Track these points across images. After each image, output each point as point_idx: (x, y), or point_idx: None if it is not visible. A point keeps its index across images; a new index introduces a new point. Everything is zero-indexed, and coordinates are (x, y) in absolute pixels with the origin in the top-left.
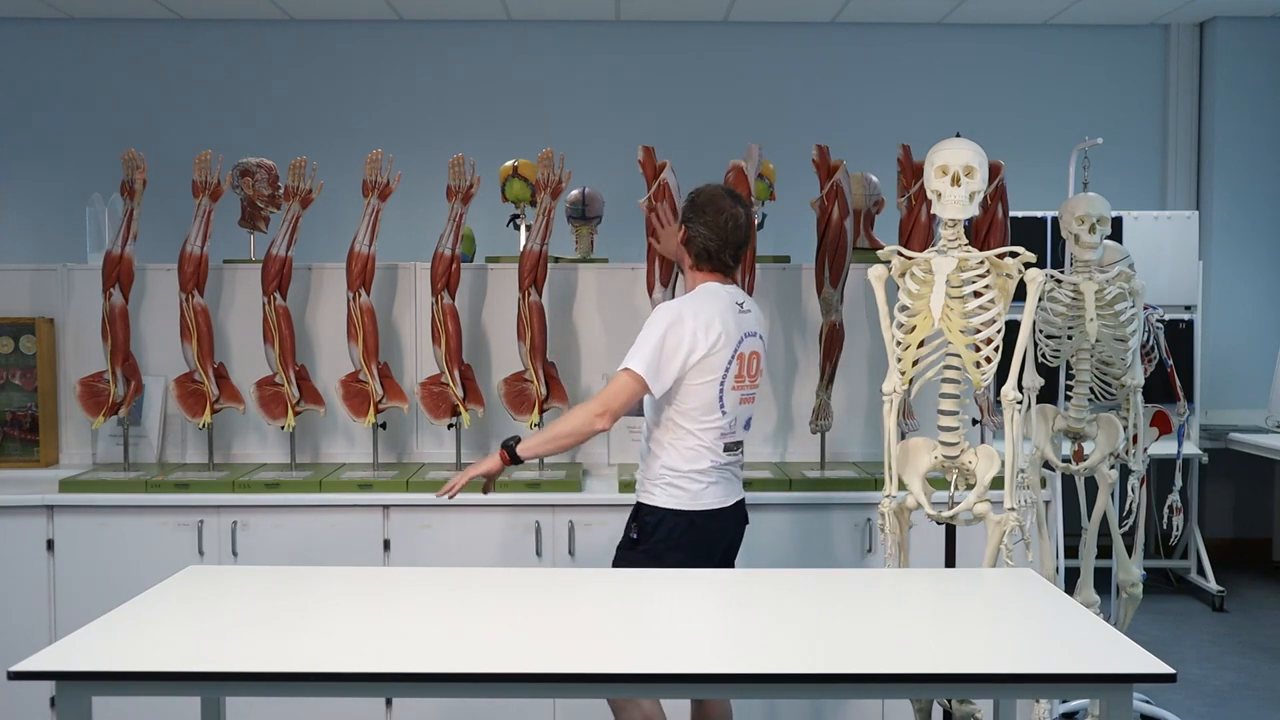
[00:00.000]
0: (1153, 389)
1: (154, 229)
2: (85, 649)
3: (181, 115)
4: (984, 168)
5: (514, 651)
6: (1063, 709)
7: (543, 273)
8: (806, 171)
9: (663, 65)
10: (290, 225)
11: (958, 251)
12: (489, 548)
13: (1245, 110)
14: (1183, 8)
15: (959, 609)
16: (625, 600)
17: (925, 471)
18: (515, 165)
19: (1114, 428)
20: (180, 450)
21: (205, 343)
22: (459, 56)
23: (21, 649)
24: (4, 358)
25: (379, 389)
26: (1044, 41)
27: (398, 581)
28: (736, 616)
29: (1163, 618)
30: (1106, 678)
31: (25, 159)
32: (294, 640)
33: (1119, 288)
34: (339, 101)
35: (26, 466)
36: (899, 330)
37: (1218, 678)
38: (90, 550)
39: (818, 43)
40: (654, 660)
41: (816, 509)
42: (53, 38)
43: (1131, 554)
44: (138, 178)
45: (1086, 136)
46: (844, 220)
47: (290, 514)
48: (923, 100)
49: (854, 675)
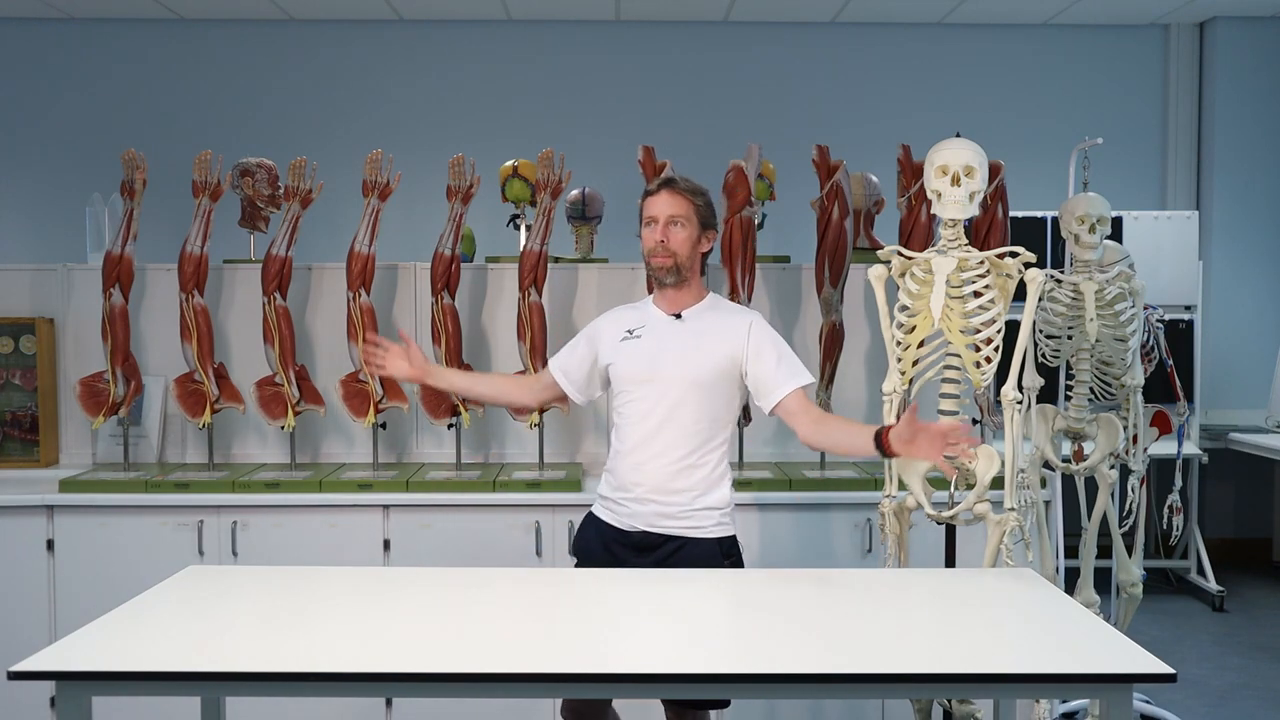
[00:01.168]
0: (1153, 389)
1: (154, 229)
2: (85, 649)
3: (181, 115)
4: (984, 168)
5: (514, 651)
6: (1063, 709)
7: (543, 273)
8: (806, 171)
9: (663, 65)
10: (290, 225)
11: (958, 251)
12: (489, 548)
13: (1245, 110)
14: (1183, 8)
15: (959, 609)
16: (625, 600)
17: (925, 471)
18: (515, 165)
19: (1114, 428)
20: (180, 450)
21: (205, 343)
22: (459, 56)
23: (21, 649)
24: (4, 358)
25: (379, 389)
26: (1044, 41)
27: (398, 581)
28: (737, 616)
29: (1163, 618)
30: (1106, 678)
31: (25, 159)
32: (294, 640)
33: (1119, 288)
34: (339, 101)
35: (26, 466)
36: (899, 330)
37: (1218, 678)
38: (90, 550)
39: (818, 43)
40: (654, 660)
41: (816, 509)
42: (53, 38)
43: (1131, 554)
44: (138, 178)
45: (1086, 136)
46: (844, 220)
47: (290, 514)
48: (923, 100)
49: (854, 675)
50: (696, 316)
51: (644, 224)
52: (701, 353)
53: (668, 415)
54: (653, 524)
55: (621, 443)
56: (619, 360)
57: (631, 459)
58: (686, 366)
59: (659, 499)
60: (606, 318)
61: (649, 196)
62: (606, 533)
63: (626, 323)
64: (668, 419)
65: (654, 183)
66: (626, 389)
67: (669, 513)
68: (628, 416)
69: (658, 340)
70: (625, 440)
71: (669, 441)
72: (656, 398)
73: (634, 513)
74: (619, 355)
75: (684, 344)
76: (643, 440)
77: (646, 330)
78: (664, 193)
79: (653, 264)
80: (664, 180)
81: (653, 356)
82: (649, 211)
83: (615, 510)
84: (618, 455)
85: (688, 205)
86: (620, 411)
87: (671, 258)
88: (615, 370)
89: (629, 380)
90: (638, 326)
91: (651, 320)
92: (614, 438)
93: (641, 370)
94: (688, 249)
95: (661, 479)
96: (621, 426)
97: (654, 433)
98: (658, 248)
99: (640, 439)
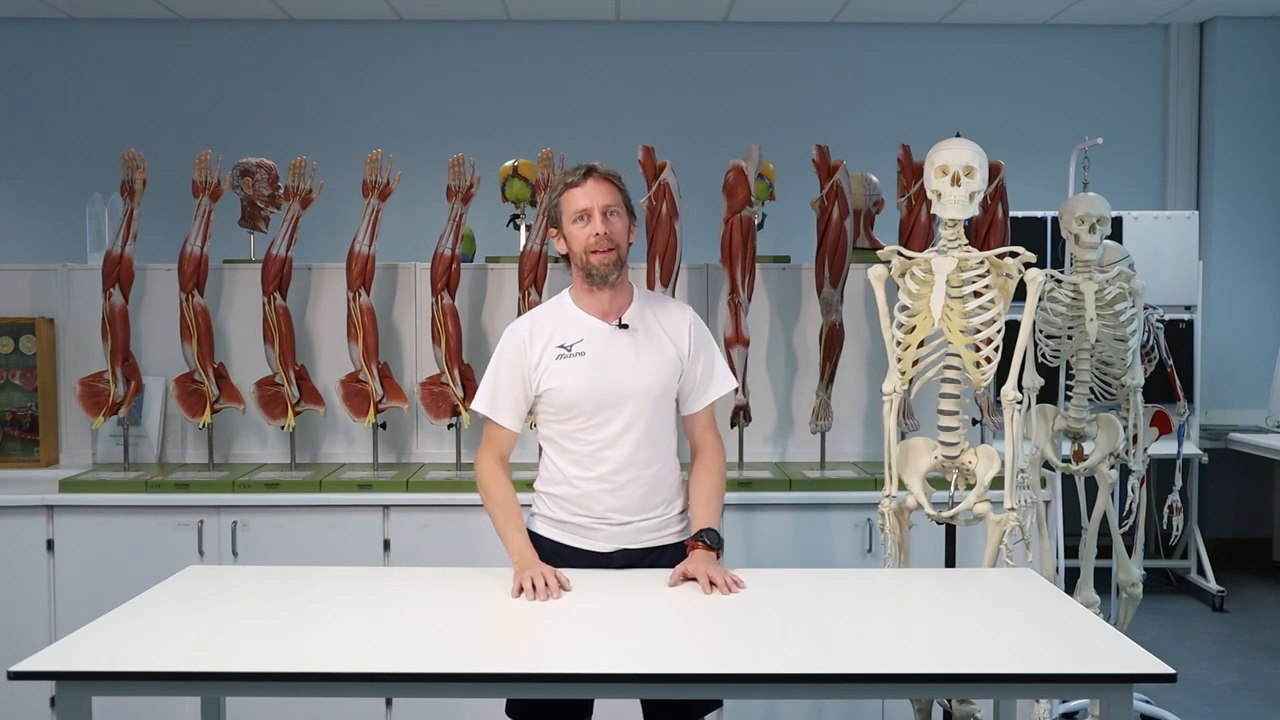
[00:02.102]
0: (1153, 389)
1: (154, 229)
2: (85, 649)
3: (181, 115)
4: (984, 168)
5: (514, 651)
6: (1063, 709)
7: (543, 273)
8: (806, 171)
9: (663, 65)
10: (290, 225)
11: (958, 251)
12: (489, 548)
13: (1245, 110)
14: (1183, 8)
15: (959, 609)
16: (624, 600)
17: (925, 471)
18: (515, 165)
19: (1114, 428)
20: (180, 450)
21: (205, 343)
22: (459, 56)
23: (21, 649)
24: (4, 358)
25: (379, 389)
26: (1044, 41)
27: (398, 581)
28: (736, 616)
29: (1163, 618)
30: (1106, 678)
31: (25, 159)
32: (294, 640)
33: (1119, 288)
34: (339, 101)
35: (26, 466)
36: (899, 330)
37: (1218, 678)
38: (90, 550)
39: (818, 43)
40: (654, 660)
41: (816, 509)
42: (53, 38)
43: (1131, 554)
44: (138, 178)
45: (1086, 136)
46: (844, 220)
47: (290, 514)
48: (923, 100)
49: (854, 675)
50: (638, 320)
51: (571, 220)
52: (654, 364)
53: (632, 436)
54: (635, 541)
55: (580, 468)
56: (563, 383)
57: (599, 485)
58: (642, 379)
59: (636, 519)
60: (517, 334)
61: (571, 189)
62: (574, 555)
63: (551, 335)
64: (634, 441)
65: (572, 173)
66: (576, 414)
67: (649, 526)
68: (583, 442)
69: (602, 355)
70: (586, 466)
71: (641, 461)
72: (616, 419)
73: (612, 535)
74: (559, 377)
75: (636, 356)
76: (616, 467)
77: (587, 344)
78: (590, 181)
79: (594, 261)
80: (587, 169)
81: (605, 375)
82: (578, 204)
83: (589, 535)
84: (575, 481)
85: (618, 193)
86: (571, 436)
87: (615, 250)
88: (557, 395)
89: (579, 405)
90: (573, 341)
91: (588, 331)
92: (563, 462)
93: (594, 392)
94: (625, 240)
95: (636, 499)
96: (574, 451)
97: (625, 458)
98: (601, 240)
99: (612, 465)
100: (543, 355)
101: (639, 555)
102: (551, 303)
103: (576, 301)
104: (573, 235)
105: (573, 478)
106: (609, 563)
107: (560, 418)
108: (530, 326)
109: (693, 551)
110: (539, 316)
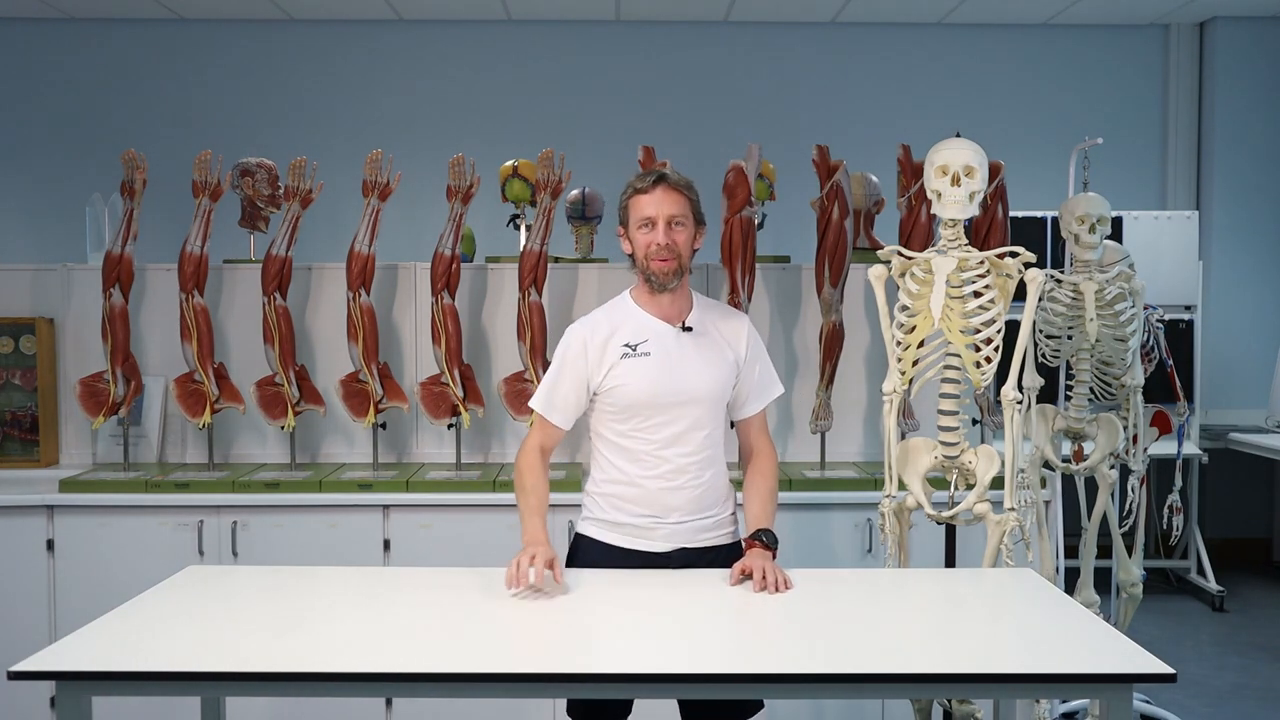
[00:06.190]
0: (1153, 389)
1: (154, 229)
2: (85, 649)
3: (181, 115)
4: (984, 168)
5: (514, 651)
6: (1063, 709)
7: (543, 273)
8: (806, 171)
9: (663, 65)
10: (290, 225)
11: (958, 251)
12: (489, 548)
13: (1245, 110)
14: (1183, 8)
15: (959, 609)
16: (625, 600)
17: (925, 471)
18: (515, 165)
19: (1114, 428)
20: (180, 450)
21: (205, 343)
22: (459, 56)
23: (21, 649)
24: (4, 358)
25: (379, 389)
26: (1044, 41)
27: (398, 581)
28: (736, 616)
29: (1163, 618)
30: (1106, 678)
31: (25, 159)
32: (294, 640)
33: (1119, 288)
34: (339, 101)
35: (26, 466)
36: (899, 330)
37: (1218, 678)
38: (90, 550)
39: (818, 43)
40: (654, 660)
41: (816, 509)
42: (53, 38)
43: (1131, 554)
44: (138, 178)
45: (1086, 136)
46: (844, 220)
47: (290, 514)
48: (923, 100)
49: (854, 675)
50: (700, 324)
51: (636, 225)
52: (715, 366)
53: (696, 436)
54: (692, 540)
55: (641, 467)
56: (627, 382)
57: (661, 483)
58: (705, 382)
59: (693, 518)
60: (579, 334)
61: (640, 195)
62: (628, 557)
63: (615, 335)
64: (697, 441)
65: (643, 179)
66: (637, 413)
67: (705, 525)
68: (644, 441)
69: (668, 356)
70: (648, 465)
71: (700, 462)
72: (679, 420)
73: (670, 533)
74: (624, 376)
75: (700, 357)
76: (678, 466)
77: (652, 345)
78: (659, 189)
79: (654, 268)
80: (657, 176)
81: (670, 377)
82: (644, 211)
83: (646, 535)
84: (638, 480)
85: (685, 203)
86: (630, 435)
87: (676, 260)
88: (621, 394)
89: (643, 405)
90: (639, 341)
91: (653, 333)
92: (622, 461)
93: (659, 393)
94: (689, 249)
95: (695, 499)
96: (634, 450)
97: (686, 459)
98: (661, 250)
99: (673, 465)
100: (605, 353)
101: (695, 555)
102: (611, 303)
103: (638, 302)
104: (637, 240)
105: (635, 476)
106: (666, 562)
107: (620, 417)
108: (591, 326)
109: (750, 549)
110: (598, 317)
